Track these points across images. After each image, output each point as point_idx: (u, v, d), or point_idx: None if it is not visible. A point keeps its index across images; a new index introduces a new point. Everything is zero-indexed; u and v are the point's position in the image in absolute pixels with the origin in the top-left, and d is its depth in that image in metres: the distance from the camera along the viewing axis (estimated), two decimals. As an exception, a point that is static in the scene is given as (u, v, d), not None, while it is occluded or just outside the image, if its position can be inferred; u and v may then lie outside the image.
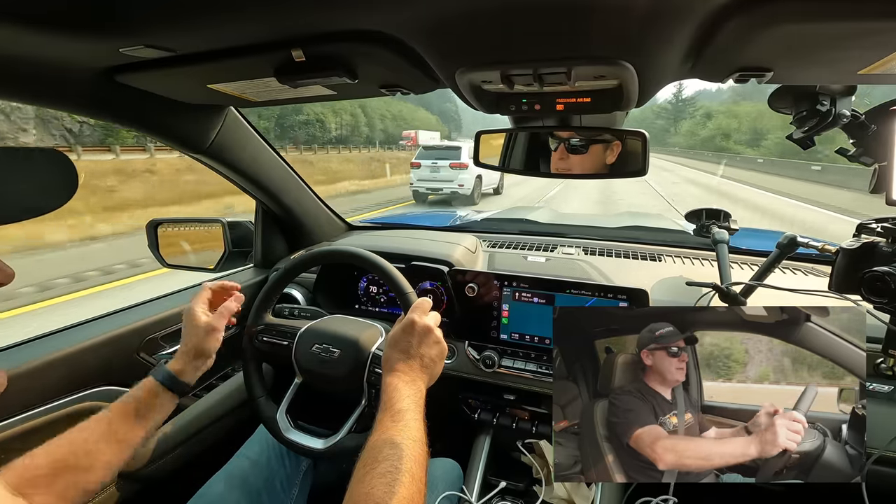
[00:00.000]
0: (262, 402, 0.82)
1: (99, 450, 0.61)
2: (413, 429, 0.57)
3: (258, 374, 0.84)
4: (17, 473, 0.55)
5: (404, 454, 0.52)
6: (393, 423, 0.57)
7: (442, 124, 76.01)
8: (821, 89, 0.76)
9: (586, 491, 0.96)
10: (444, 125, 78.03)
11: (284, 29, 0.57)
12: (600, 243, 1.32)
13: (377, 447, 0.53)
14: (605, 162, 0.89)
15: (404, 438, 0.54)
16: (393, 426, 0.56)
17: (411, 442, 0.54)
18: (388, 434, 0.55)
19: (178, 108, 0.88)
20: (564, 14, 0.49)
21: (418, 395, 0.64)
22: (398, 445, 0.53)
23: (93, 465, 0.60)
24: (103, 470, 0.61)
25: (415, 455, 0.53)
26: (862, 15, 0.45)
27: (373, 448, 0.53)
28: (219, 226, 1.25)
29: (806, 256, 1.15)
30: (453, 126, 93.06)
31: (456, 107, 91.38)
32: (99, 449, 0.61)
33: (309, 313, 0.97)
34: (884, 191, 0.71)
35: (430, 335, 0.70)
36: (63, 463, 0.57)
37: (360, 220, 1.63)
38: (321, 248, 0.92)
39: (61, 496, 0.56)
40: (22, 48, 0.57)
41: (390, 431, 0.55)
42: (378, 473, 0.49)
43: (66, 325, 0.91)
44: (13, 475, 0.54)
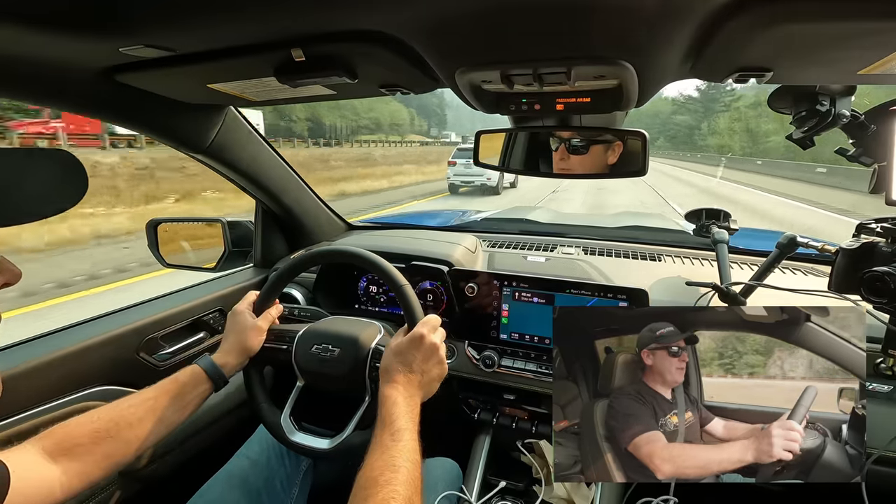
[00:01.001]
0: (265, 407, 0.82)
1: (141, 425, 0.63)
2: (410, 450, 0.57)
3: (259, 380, 0.84)
4: (55, 440, 0.56)
5: (405, 480, 0.53)
6: (392, 442, 0.57)
7: (420, 118, 71.06)
8: (820, 89, 0.76)
9: (586, 491, 0.96)
10: (423, 119, 72.88)
11: (284, 29, 0.57)
12: (600, 243, 1.32)
13: (378, 469, 0.53)
14: (607, 162, 0.89)
15: (404, 461, 0.55)
16: (393, 446, 0.57)
17: (410, 465, 0.55)
18: (388, 455, 0.55)
19: (177, 108, 0.88)
20: (564, 14, 0.49)
21: (415, 411, 0.64)
22: (398, 469, 0.54)
23: (132, 440, 0.62)
24: (140, 445, 0.63)
25: (413, 480, 0.54)
26: (862, 15, 0.45)
27: (373, 470, 0.54)
28: (218, 225, 1.26)
29: (806, 256, 1.15)
30: (435, 121, 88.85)
31: (441, 101, 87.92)
32: (141, 424, 0.63)
33: (309, 313, 0.97)
34: (883, 191, 0.71)
35: (435, 354, 0.70)
36: (105, 433, 0.59)
37: (360, 220, 1.63)
38: (321, 248, 0.92)
39: (97, 465, 0.58)
40: (22, 48, 0.57)
41: (390, 452, 0.56)
42: (380, 500, 0.49)
43: (65, 325, 0.91)
44: (51, 441, 0.56)
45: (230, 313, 0.82)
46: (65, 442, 0.56)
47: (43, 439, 0.56)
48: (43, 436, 0.56)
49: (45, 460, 0.54)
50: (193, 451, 1.02)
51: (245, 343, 0.78)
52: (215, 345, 1.10)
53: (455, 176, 12.84)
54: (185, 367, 0.72)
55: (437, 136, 77.23)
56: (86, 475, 0.56)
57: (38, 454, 0.54)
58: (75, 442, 0.57)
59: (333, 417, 0.83)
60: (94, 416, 0.61)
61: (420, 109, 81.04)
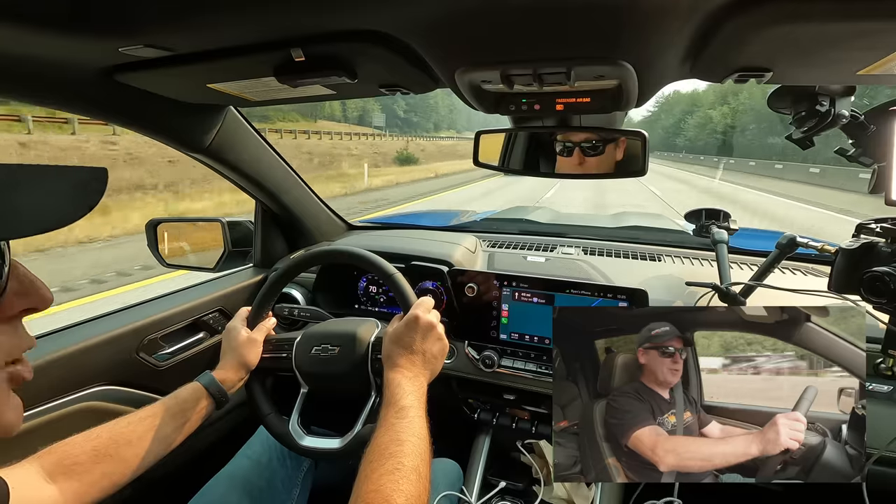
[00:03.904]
0: (271, 418, 0.81)
1: (140, 444, 0.62)
2: (417, 426, 0.57)
3: (262, 392, 0.83)
4: (55, 459, 0.55)
5: (410, 452, 0.53)
6: (397, 419, 0.57)
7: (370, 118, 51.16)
8: (820, 89, 0.76)
9: (586, 491, 0.96)
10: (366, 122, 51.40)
11: (284, 29, 0.57)
12: (600, 243, 1.32)
13: (383, 444, 0.54)
14: (615, 160, 0.89)
15: (409, 436, 0.55)
16: (398, 423, 0.57)
17: (416, 439, 0.55)
18: (393, 431, 0.55)
19: (177, 108, 0.88)
20: (564, 14, 0.49)
21: (420, 391, 0.64)
22: (404, 443, 0.54)
23: (130, 458, 0.61)
24: (138, 465, 0.62)
25: (420, 452, 0.54)
26: (861, 15, 0.45)
27: (378, 445, 0.54)
28: (218, 225, 1.26)
29: (806, 256, 1.15)
30: (397, 127, 67.02)
31: (408, 106, 69.62)
32: (140, 443, 0.62)
33: (309, 313, 0.97)
34: (883, 191, 0.71)
35: (432, 331, 0.70)
36: (104, 452, 0.59)
37: (360, 221, 1.63)
38: (320, 248, 0.92)
39: (93, 485, 0.57)
40: (22, 48, 0.57)
41: (395, 428, 0.56)
42: (386, 471, 0.50)
43: (66, 325, 0.91)
44: (52, 460, 0.55)
45: (225, 331, 0.82)
46: (65, 460, 0.55)
47: (42, 457, 0.55)
48: (43, 453, 0.55)
49: (44, 480, 0.53)
50: (194, 452, 1.02)
51: (243, 358, 0.78)
52: (215, 345, 1.10)
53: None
54: (185, 385, 0.72)
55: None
56: (83, 495, 0.55)
57: (38, 473, 0.53)
58: (75, 460, 0.56)
59: (341, 419, 0.82)
60: (93, 433, 0.60)
61: (364, 116, 57.57)
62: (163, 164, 12.83)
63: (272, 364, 0.82)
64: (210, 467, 0.87)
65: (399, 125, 70.63)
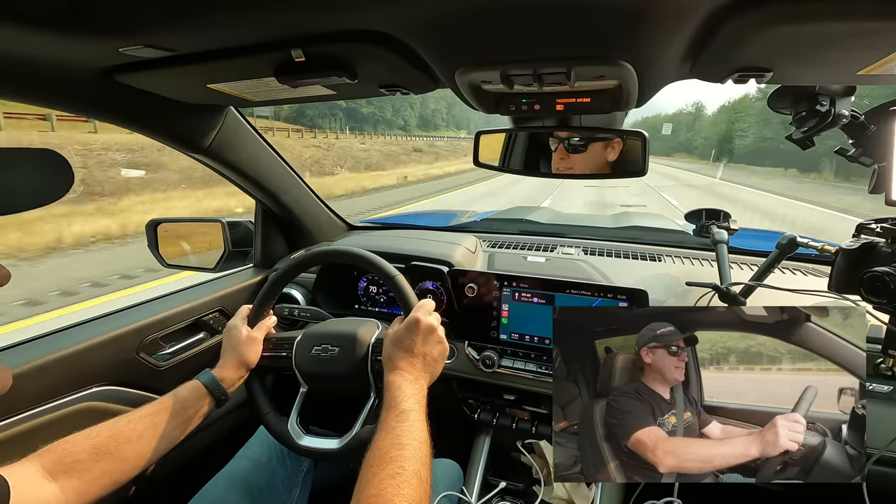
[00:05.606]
0: (270, 417, 0.81)
1: (140, 442, 0.62)
2: (418, 429, 0.57)
3: (262, 391, 0.83)
4: (56, 457, 0.55)
5: (411, 456, 0.52)
6: (398, 422, 0.57)
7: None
8: (820, 89, 0.76)
9: (586, 491, 0.96)
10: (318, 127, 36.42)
11: (284, 29, 0.57)
12: (600, 243, 1.32)
13: (384, 448, 0.53)
14: (607, 160, 0.89)
15: (410, 439, 0.55)
16: (398, 426, 0.57)
17: (417, 443, 0.55)
18: (393, 435, 0.55)
19: (177, 108, 0.88)
20: (564, 14, 0.49)
21: (421, 394, 0.64)
22: (405, 447, 0.53)
23: (130, 457, 0.61)
24: (139, 463, 0.62)
25: (421, 456, 0.53)
26: (861, 16, 0.45)
27: (379, 449, 0.53)
28: (218, 226, 1.26)
29: (806, 256, 1.15)
30: (362, 129, 47.75)
31: (375, 107, 55.41)
32: (140, 441, 0.62)
33: (309, 313, 0.97)
34: (883, 191, 0.71)
35: (433, 334, 0.70)
36: (104, 450, 0.59)
37: (361, 221, 1.63)
38: (320, 248, 0.92)
39: (94, 482, 0.57)
40: (22, 48, 0.57)
41: (396, 432, 0.56)
42: (387, 475, 0.49)
43: (66, 325, 0.91)
44: (52, 458, 0.55)
45: (225, 329, 0.82)
46: (65, 458, 0.56)
47: (43, 455, 0.55)
48: (43, 452, 0.56)
49: (44, 478, 0.53)
50: (194, 452, 1.02)
51: (243, 356, 0.78)
52: (216, 345, 1.10)
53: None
54: (185, 383, 0.72)
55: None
56: (83, 493, 0.56)
57: (38, 471, 0.54)
58: (75, 458, 0.56)
59: (340, 419, 0.82)
60: (93, 431, 0.60)
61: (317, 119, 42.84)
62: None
63: (272, 363, 0.82)
64: (210, 467, 0.87)
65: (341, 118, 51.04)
